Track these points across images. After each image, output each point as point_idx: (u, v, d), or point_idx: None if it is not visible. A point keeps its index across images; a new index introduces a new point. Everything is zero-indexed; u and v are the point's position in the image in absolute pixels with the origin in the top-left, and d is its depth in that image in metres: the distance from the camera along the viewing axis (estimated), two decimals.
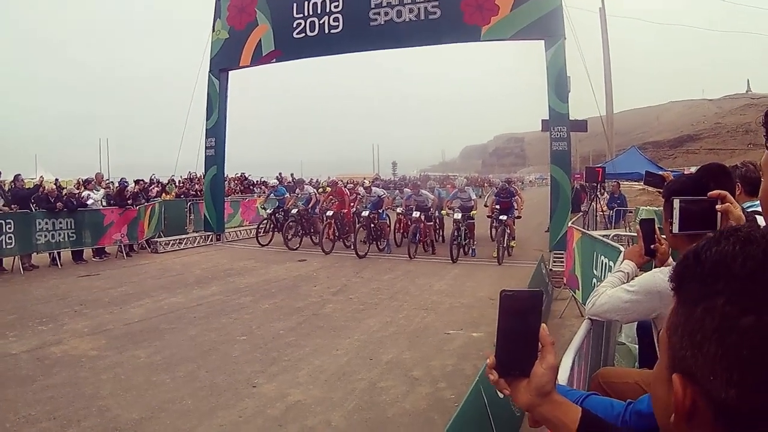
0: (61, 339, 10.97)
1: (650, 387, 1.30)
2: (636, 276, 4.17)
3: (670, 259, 4.12)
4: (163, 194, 30.37)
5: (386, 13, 22.88)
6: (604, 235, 13.23)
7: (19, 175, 21.02)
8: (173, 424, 7.21)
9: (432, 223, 23.05)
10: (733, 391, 0.98)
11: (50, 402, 7.86)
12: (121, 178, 26.24)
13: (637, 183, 43.91)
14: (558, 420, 1.62)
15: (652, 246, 4.00)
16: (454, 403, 7.22)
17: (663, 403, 1.17)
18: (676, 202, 3.01)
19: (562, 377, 3.69)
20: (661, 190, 4.63)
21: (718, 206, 2.87)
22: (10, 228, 18.25)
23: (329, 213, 23.34)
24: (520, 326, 1.57)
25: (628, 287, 3.97)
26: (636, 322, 5.69)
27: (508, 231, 20.72)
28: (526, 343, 1.58)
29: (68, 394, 8.19)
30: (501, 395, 1.84)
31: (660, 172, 7.47)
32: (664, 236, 3.90)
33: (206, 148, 27.44)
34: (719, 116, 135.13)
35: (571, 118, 20.74)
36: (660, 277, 3.70)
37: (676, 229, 3.06)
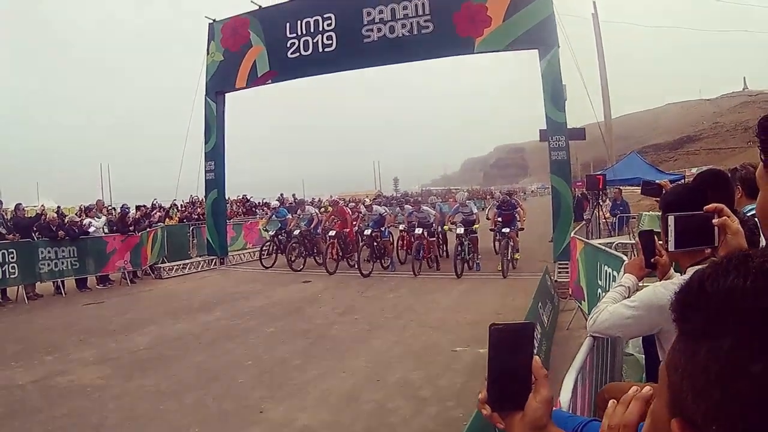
0: (67, 369, 10.94)
1: (648, 419, 1.23)
2: (637, 290, 4.13)
3: (672, 271, 4.08)
4: (167, 219, 30.33)
5: (379, 30, 22.95)
6: (607, 244, 13.21)
7: (21, 204, 21.02)
8: None
9: (435, 238, 23.03)
10: None
11: None
12: (123, 204, 26.23)
13: (638, 188, 44.04)
14: None
15: (652, 259, 3.94)
16: (464, 422, 7.13)
17: None
18: (671, 219, 2.97)
19: (565, 397, 3.66)
20: (659, 199, 4.60)
21: (714, 220, 2.83)
22: (12, 257, 18.31)
23: (332, 233, 23.29)
24: (512, 360, 1.55)
25: (629, 303, 3.93)
26: None
27: (512, 243, 20.67)
28: (518, 377, 1.55)
29: (75, 424, 8.17)
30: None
31: (657, 181, 7.44)
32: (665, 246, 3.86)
33: (206, 171, 27.42)
34: (717, 115, 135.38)
35: (568, 127, 20.76)
36: (661, 291, 3.65)
37: (672, 246, 3.01)
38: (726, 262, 0.99)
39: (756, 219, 3.68)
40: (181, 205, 35.40)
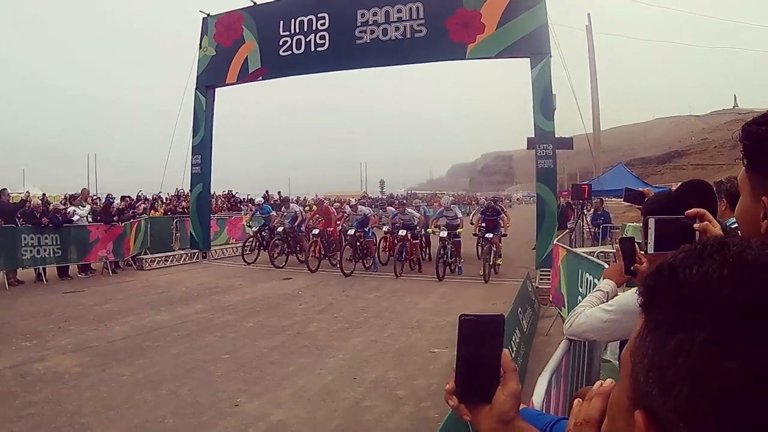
0: (45, 355, 10.91)
1: (608, 409, 1.17)
2: (615, 295, 4.16)
3: None
4: (152, 210, 30.21)
5: (372, 32, 22.99)
6: (589, 252, 13.26)
7: (5, 189, 20.93)
8: None
9: (418, 241, 23.04)
10: None
11: (32, 419, 7.82)
12: (108, 194, 26.20)
13: (623, 200, 44.19)
14: None
15: (632, 267, 3.95)
16: (438, 422, 7.17)
17: None
18: (651, 222, 2.97)
19: (538, 398, 3.69)
20: (641, 207, 4.63)
21: (696, 225, 2.84)
22: None
23: (315, 231, 23.32)
24: (481, 352, 1.53)
25: (606, 307, 3.94)
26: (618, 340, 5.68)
27: (495, 249, 20.74)
28: (487, 369, 1.53)
29: (50, 411, 8.14)
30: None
31: (640, 188, 7.48)
32: (645, 253, 3.87)
33: (192, 165, 27.42)
34: (706, 132, 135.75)
35: (557, 136, 20.81)
36: None
37: (651, 249, 3.00)
38: (701, 249, 0.94)
39: (738, 232, 3.72)
40: (166, 198, 35.29)
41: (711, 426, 0.82)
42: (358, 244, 22.50)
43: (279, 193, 44.73)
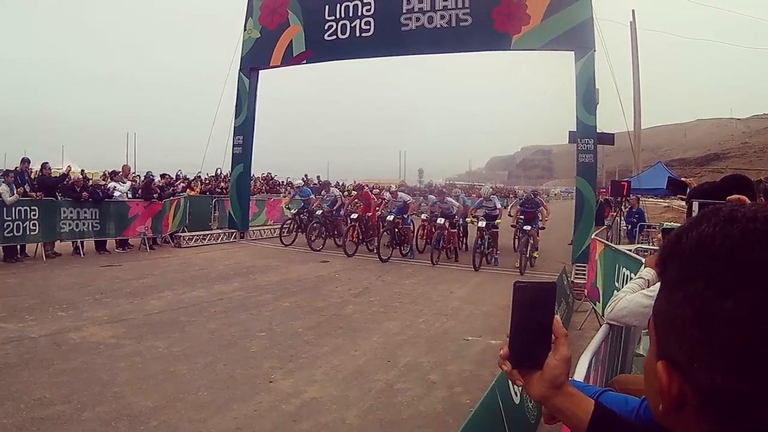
0: (80, 326, 11.02)
1: (644, 375, 1.24)
2: (657, 282, 4.11)
3: None
4: (188, 190, 30.36)
5: (417, 19, 22.94)
6: (627, 249, 13.17)
7: (47, 163, 21.05)
8: (187, 415, 7.21)
9: (456, 230, 23.05)
10: (718, 377, 0.95)
11: (66, 386, 7.89)
12: (148, 172, 26.40)
13: (662, 200, 43.56)
14: (570, 412, 1.57)
15: None
16: (470, 407, 7.12)
17: (654, 393, 1.13)
18: (695, 205, 2.99)
19: (579, 378, 3.65)
20: (683, 197, 4.59)
21: None
22: (35, 215, 18.46)
23: (354, 216, 23.41)
24: (534, 318, 1.54)
25: (647, 292, 3.92)
26: None
27: (532, 241, 20.66)
28: (539, 335, 1.55)
29: (84, 379, 8.22)
30: (516, 401, 1.80)
31: (683, 178, 7.42)
32: None
33: (234, 146, 27.61)
34: (747, 135, 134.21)
35: (598, 131, 20.63)
36: None
37: None
38: (701, 216, 1.07)
39: None
40: (205, 177, 35.45)
41: (719, 360, 0.95)
42: (397, 230, 22.51)
43: (318, 177, 44.75)
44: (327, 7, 24.84)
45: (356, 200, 25.05)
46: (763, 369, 0.91)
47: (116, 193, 21.57)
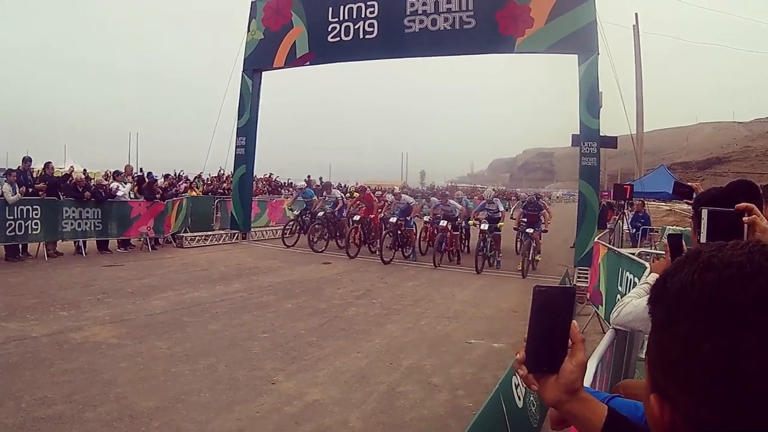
0: (82, 325, 11.02)
1: (644, 405, 1.31)
2: None
3: None
4: (189, 190, 30.35)
5: (421, 21, 22.95)
6: (630, 253, 13.15)
7: (50, 162, 21.05)
8: (189, 416, 7.20)
9: (458, 233, 23.02)
10: (703, 411, 1.05)
11: (67, 386, 7.89)
12: (149, 173, 26.42)
13: (664, 203, 43.56)
14: (585, 417, 1.60)
15: None
16: (472, 411, 7.15)
17: (650, 421, 1.22)
18: (704, 212, 2.98)
19: (585, 383, 3.63)
20: (690, 202, 4.60)
21: (744, 218, 2.84)
22: (37, 214, 18.46)
23: (356, 218, 23.44)
24: (552, 322, 1.56)
25: None
26: None
27: (534, 244, 20.66)
28: (556, 340, 1.56)
29: (86, 379, 8.23)
30: (519, 405, 1.80)
31: (689, 183, 7.42)
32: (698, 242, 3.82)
33: (236, 146, 27.59)
34: (749, 139, 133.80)
35: (601, 135, 20.61)
36: None
37: (703, 238, 3.02)
38: (683, 260, 1.16)
39: None
40: (208, 178, 35.48)
41: (703, 397, 1.04)
42: (399, 232, 22.48)
43: (321, 178, 44.80)
44: (330, 9, 24.86)
45: (358, 202, 25.05)
46: (743, 404, 1.00)
47: (119, 193, 21.57)
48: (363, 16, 24.21)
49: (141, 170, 27.51)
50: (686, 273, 1.10)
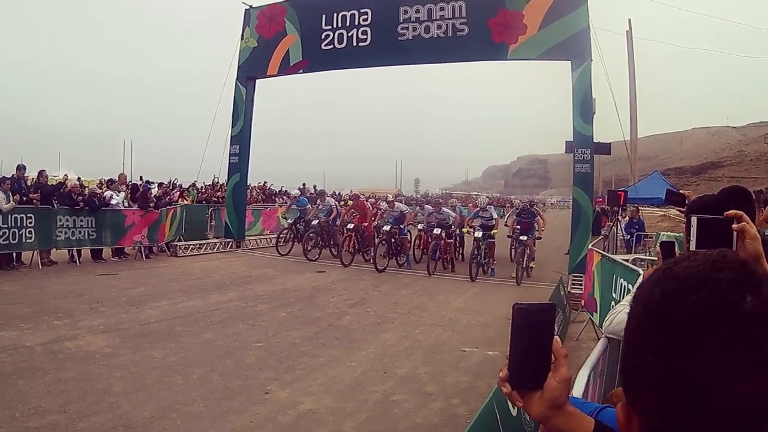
0: (76, 335, 11.01)
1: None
2: None
3: None
4: (180, 198, 30.36)
5: (414, 29, 22.97)
6: (624, 259, 13.16)
7: (44, 171, 21.07)
8: (183, 426, 7.20)
9: (452, 240, 23.05)
10: (655, 420, 1.07)
11: (61, 395, 7.89)
12: (147, 181, 26.47)
13: (658, 209, 43.58)
14: (571, 431, 1.59)
15: None
16: (467, 419, 7.13)
17: (619, 428, 1.23)
18: (694, 220, 2.99)
19: (578, 392, 3.66)
20: (682, 210, 4.60)
21: (734, 225, 2.84)
22: (30, 222, 18.47)
23: (350, 226, 23.36)
24: (533, 339, 1.57)
25: None
26: None
27: (528, 251, 20.68)
28: (539, 356, 1.57)
29: (80, 388, 8.22)
30: (514, 413, 1.83)
31: (681, 191, 7.45)
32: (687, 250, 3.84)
33: (230, 155, 27.55)
34: (743, 144, 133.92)
35: (594, 141, 20.64)
36: None
37: (693, 246, 3.02)
38: (652, 273, 1.18)
39: None
40: (202, 186, 35.47)
41: (657, 405, 1.06)
42: (393, 240, 22.49)
43: (314, 186, 44.76)
44: (324, 16, 24.86)
45: (352, 210, 25.00)
46: (690, 411, 1.01)
47: (113, 201, 21.54)
48: (356, 23, 24.23)
49: (141, 179, 27.40)
50: (646, 284, 1.13)
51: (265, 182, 43.74)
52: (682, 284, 1.06)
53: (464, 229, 22.81)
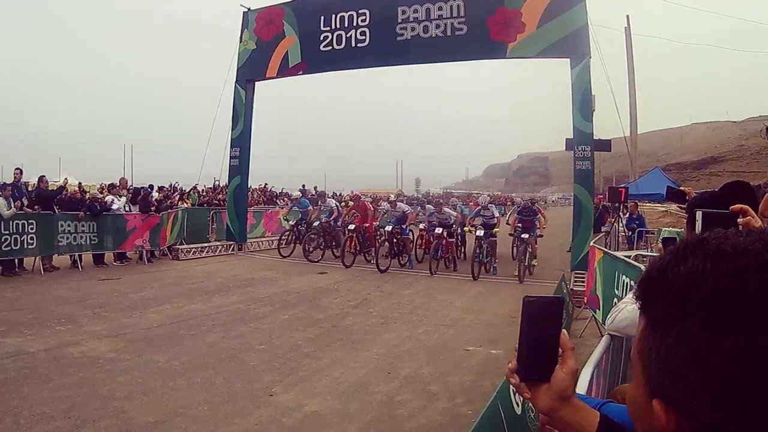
0: (79, 340, 11.01)
1: (629, 407, 1.25)
2: None
3: None
4: (180, 201, 30.31)
5: (413, 29, 22.97)
6: (626, 256, 13.14)
7: (44, 176, 21.06)
8: (188, 429, 7.20)
9: (454, 239, 23.08)
10: (718, 414, 0.95)
11: (66, 401, 7.88)
12: (150, 185, 26.46)
13: (659, 204, 43.54)
14: (577, 424, 1.60)
15: None
16: (471, 419, 7.12)
17: (645, 426, 1.14)
18: (699, 215, 2.97)
19: (581, 389, 3.65)
20: (683, 206, 4.58)
21: (739, 219, 2.83)
22: (32, 228, 18.50)
23: (351, 227, 23.35)
24: (542, 331, 1.57)
25: None
26: None
27: (530, 250, 20.66)
28: (547, 348, 1.58)
29: (84, 394, 8.21)
30: (518, 411, 1.83)
31: (681, 187, 7.43)
32: None
33: (231, 157, 27.57)
34: (743, 138, 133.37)
35: (595, 138, 20.63)
36: None
37: None
38: (683, 248, 1.05)
39: None
40: (203, 190, 35.46)
41: (718, 398, 0.94)
42: (395, 240, 22.51)
43: (315, 187, 44.73)
44: (322, 18, 24.86)
45: (353, 211, 25.00)
46: (763, 405, 0.91)
47: (115, 206, 21.56)
48: (355, 24, 24.22)
49: (147, 186, 27.40)
50: (693, 262, 1.00)
51: (266, 184, 43.78)
52: (757, 258, 0.96)
53: (466, 228, 22.86)
